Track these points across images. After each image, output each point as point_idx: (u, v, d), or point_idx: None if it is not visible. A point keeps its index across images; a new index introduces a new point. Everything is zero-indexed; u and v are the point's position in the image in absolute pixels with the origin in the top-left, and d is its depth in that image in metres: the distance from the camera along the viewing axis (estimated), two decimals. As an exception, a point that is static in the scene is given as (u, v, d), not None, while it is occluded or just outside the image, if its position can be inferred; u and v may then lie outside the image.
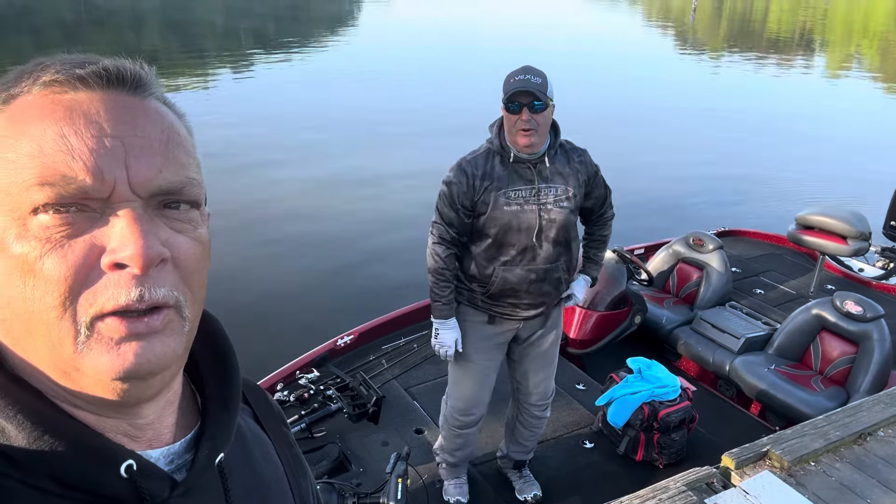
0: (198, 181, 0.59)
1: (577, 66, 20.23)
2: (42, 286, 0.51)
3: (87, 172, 0.51)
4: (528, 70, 2.44)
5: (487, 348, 2.81)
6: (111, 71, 0.55)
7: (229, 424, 0.67)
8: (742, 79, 18.94)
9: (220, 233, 7.23)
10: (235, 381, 0.71)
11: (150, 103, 0.57)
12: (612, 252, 4.39)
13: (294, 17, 40.27)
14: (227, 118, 12.64)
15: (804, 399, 3.73)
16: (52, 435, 0.53)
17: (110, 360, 0.52)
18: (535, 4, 54.58)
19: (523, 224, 2.54)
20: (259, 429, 0.79)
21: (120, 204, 0.53)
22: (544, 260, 2.62)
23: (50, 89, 0.54)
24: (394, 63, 20.28)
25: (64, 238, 0.51)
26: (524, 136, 2.42)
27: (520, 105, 2.40)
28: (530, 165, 2.53)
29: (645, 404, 3.44)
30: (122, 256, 0.51)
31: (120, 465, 0.55)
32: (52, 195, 0.51)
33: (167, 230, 0.56)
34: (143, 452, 0.59)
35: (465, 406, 2.89)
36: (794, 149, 11.58)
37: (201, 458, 0.63)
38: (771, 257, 5.73)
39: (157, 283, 0.53)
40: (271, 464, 0.76)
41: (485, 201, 2.53)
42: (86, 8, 42.08)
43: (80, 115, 0.53)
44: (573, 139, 2.71)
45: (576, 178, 2.62)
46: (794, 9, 49.00)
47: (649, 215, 8.30)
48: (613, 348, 4.34)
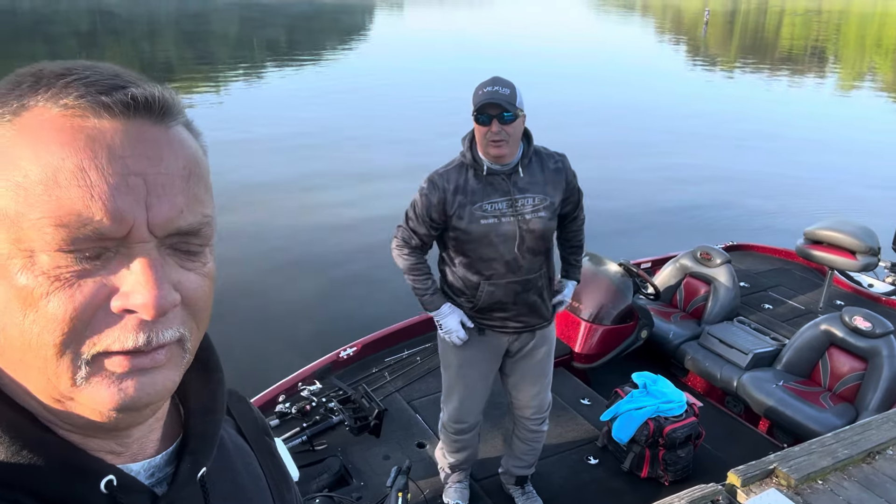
0: (212, 218, 0.57)
1: (587, 77, 20.25)
2: (42, 323, 0.49)
3: (105, 214, 0.49)
4: (496, 81, 2.42)
5: (479, 360, 2.80)
6: (139, 99, 0.52)
7: (212, 438, 0.66)
8: (754, 92, 18.89)
9: (227, 244, 7.26)
10: (220, 394, 0.69)
11: (174, 133, 0.55)
12: (618, 265, 4.36)
13: (307, 28, 40.63)
14: (238, 128, 12.73)
15: (813, 416, 3.68)
16: (31, 450, 0.52)
17: (110, 395, 0.52)
18: (546, 16, 54.80)
19: (502, 236, 2.53)
20: (242, 441, 0.78)
21: (136, 245, 0.51)
22: (527, 270, 2.61)
23: (71, 112, 0.50)
24: (404, 72, 20.38)
25: (73, 277, 0.49)
26: (495, 146, 2.42)
27: (489, 117, 2.39)
28: (504, 177, 2.52)
29: (650, 420, 3.39)
30: (134, 304, 0.50)
31: (100, 481, 0.54)
32: (66, 237, 0.48)
33: (178, 270, 0.54)
34: (124, 466, 0.58)
35: (458, 416, 2.90)
36: (804, 163, 11.51)
37: (183, 472, 0.62)
38: (779, 272, 5.68)
39: (165, 326, 0.53)
40: (254, 477, 0.75)
41: (459, 216, 2.52)
42: (101, 18, 42.61)
43: (102, 147, 0.50)
44: (583, 150, 2.70)
45: (553, 185, 2.60)
46: (806, 23, 48.91)
47: (656, 228, 8.27)
48: (619, 363, 4.30)
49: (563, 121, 13.94)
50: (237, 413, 0.80)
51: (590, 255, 4.54)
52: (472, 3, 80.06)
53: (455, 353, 2.79)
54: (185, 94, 16.63)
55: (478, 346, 2.77)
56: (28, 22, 37.57)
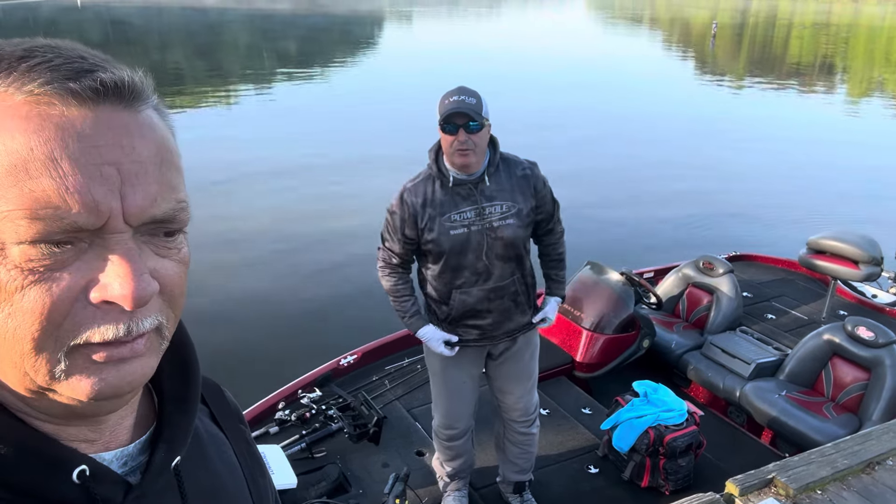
0: (186, 203, 0.56)
1: (593, 88, 20.28)
2: (19, 317, 0.48)
3: (82, 206, 0.47)
4: (462, 91, 2.44)
5: (461, 364, 2.82)
6: (108, 85, 0.50)
7: (187, 427, 0.66)
8: (761, 104, 18.86)
9: (229, 251, 7.29)
10: (195, 382, 0.69)
11: (144, 118, 0.53)
12: (620, 274, 4.35)
13: (316, 39, 40.90)
14: (246, 137, 12.81)
15: (816, 426, 3.65)
16: (1, 440, 0.52)
17: (90, 385, 0.51)
18: (554, 27, 54.97)
19: (472, 245, 2.54)
20: (216, 428, 0.77)
21: (112, 236, 0.50)
22: (498, 278, 2.62)
23: (36, 99, 0.48)
24: (412, 82, 20.46)
25: (48, 270, 0.48)
26: (461, 155, 2.43)
27: (456, 126, 2.40)
28: (471, 186, 2.53)
29: (651, 428, 3.38)
30: (113, 295, 0.49)
31: (72, 471, 0.54)
32: (41, 230, 0.47)
33: (154, 257, 0.54)
34: (97, 455, 0.57)
35: (447, 421, 2.92)
36: (808, 173, 11.47)
37: (157, 462, 0.61)
38: (782, 282, 5.65)
39: (144, 316, 0.52)
40: (228, 465, 0.75)
41: (430, 228, 2.54)
42: (112, 28, 43.00)
43: (73, 136, 0.48)
44: (587, 159, 2.71)
45: (521, 191, 2.59)
46: (815, 36, 48.88)
47: (658, 238, 8.25)
48: (621, 373, 4.29)
49: (567, 130, 13.97)
50: (211, 401, 0.79)
51: (591, 264, 4.54)
52: (479, 14, 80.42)
53: (438, 359, 2.82)
54: (195, 103, 16.76)
55: (460, 352, 2.79)
56: (37, 31, 37.99)
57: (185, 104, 16.73)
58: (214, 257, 6.89)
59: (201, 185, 9.44)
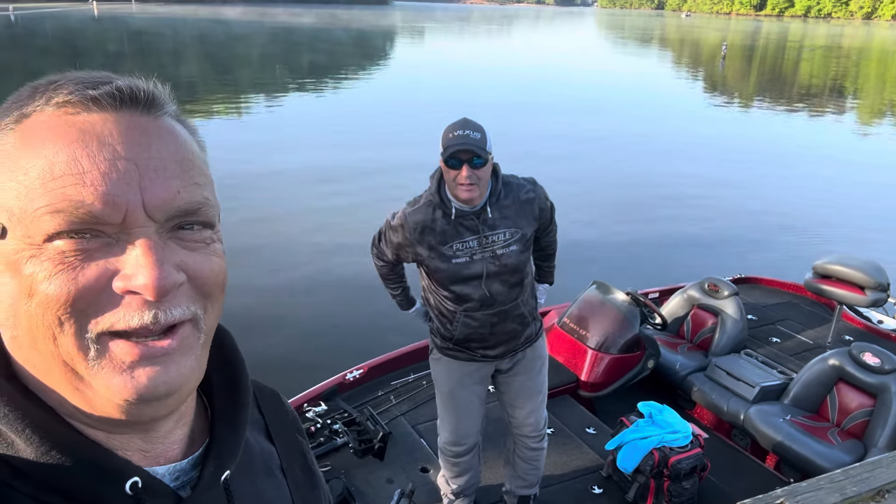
0: (212, 201, 0.58)
1: (600, 107, 20.34)
2: (44, 303, 0.51)
3: (96, 198, 0.51)
4: (466, 125, 2.40)
5: (468, 383, 2.83)
6: (124, 91, 0.54)
7: (236, 442, 0.67)
8: (769, 126, 18.87)
9: (238, 264, 7.33)
10: (244, 397, 0.71)
11: (163, 122, 0.57)
12: (625, 294, 4.37)
13: (329, 51, 41.17)
14: (255, 148, 12.88)
15: (820, 452, 3.64)
16: (60, 450, 0.54)
17: (122, 382, 0.53)
18: (563, 46, 55.17)
19: (474, 273, 2.54)
20: (269, 444, 0.78)
21: (135, 230, 0.52)
22: (503, 302, 2.63)
23: (63, 110, 0.53)
24: (425, 96, 20.57)
25: (77, 261, 0.51)
26: (465, 190, 2.40)
27: (460, 161, 2.37)
28: (473, 216, 2.52)
29: (655, 450, 3.37)
30: (135, 285, 0.51)
31: (125, 482, 0.55)
32: (62, 223, 0.50)
33: (181, 251, 0.56)
34: (150, 469, 0.59)
35: (455, 438, 2.91)
36: (815, 197, 11.44)
37: (206, 476, 0.63)
38: (788, 306, 5.65)
39: (172, 305, 0.54)
40: (276, 480, 0.76)
41: (431, 256, 2.54)
42: (129, 37, 43.40)
43: (92, 137, 0.52)
44: (593, 179, 2.75)
45: (524, 216, 2.59)
46: (826, 58, 48.91)
47: (664, 259, 8.25)
48: (625, 393, 4.29)
49: (575, 150, 14.01)
50: (267, 411, 0.80)
51: (597, 284, 4.55)
52: (490, 31, 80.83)
53: (446, 375, 2.82)
54: (211, 114, 16.88)
55: (467, 371, 2.80)
56: (55, 41, 38.40)
57: (206, 112, 16.87)
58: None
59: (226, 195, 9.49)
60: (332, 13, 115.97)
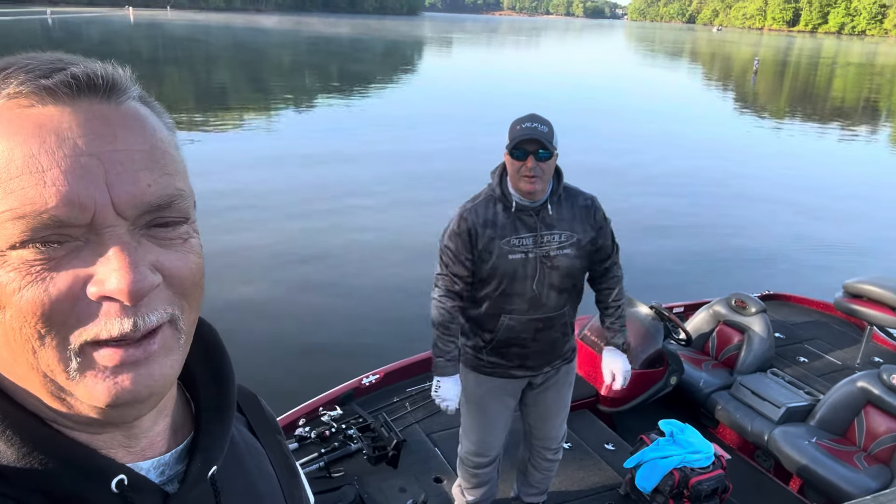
0: (186, 192, 0.54)
1: (628, 120, 20.22)
2: (20, 317, 0.48)
3: (59, 200, 0.47)
4: (534, 118, 2.43)
5: (499, 394, 2.78)
6: (80, 78, 0.50)
7: (223, 436, 0.66)
8: (802, 142, 18.61)
9: (261, 264, 7.37)
10: (230, 391, 0.69)
11: (127, 109, 0.52)
12: (649, 308, 4.29)
13: (357, 59, 41.54)
14: (283, 155, 12.98)
15: (846, 477, 3.53)
16: (42, 451, 0.52)
17: (106, 389, 0.51)
18: (593, 59, 55.10)
19: (527, 272, 2.51)
20: (253, 438, 0.77)
21: (105, 231, 0.49)
22: (551, 308, 2.59)
23: (15, 101, 0.49)
24: (449, 104, 20.63)
25: (45, 270, 0.48)
26: (529, 182, 2.41)
27: (525, 152, 2.39)
28: (532, 212, 2.51)
29: (675, 470, 3.30)
30: (109, 290, 0.48)
31: (111, 481, 0.54)
32: (25, 230, 0.46)
33: (156, 249, 0.52)
34: (134, 465, 0.57)
35: (478, 449, 2.87)
36: (847, 215, 11.24)
37: (194, 471, 0.61)
38: (816, 325, 5.51)
39: (150, 309, 0.51)
40: (265, 475, 0.75)
41: (488, 250, 2.50)
42: (163, 43, 44.17)
43: (50, 132, 0.48)
44: (620, 193, 2.69)
45: (581, 222, 2.58)
46: (859, 75, 48.24)
47: (689, 273, 8.14)
48: (646, 409, 4.20)
49: (603, 163, 13.91)
50: (248, 410, 0.79)
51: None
52: (518, 42, 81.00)
53: (475, 386, 2.77)
54: (238, 120, 17.09)
55: (499, 385, 2.75)
56: (91, 45, 39.18)
57: (239, 119, 17.08)
58: (243, 272, 6.98)
59: (233, 201, 9.59)
60: (365, 23, 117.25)
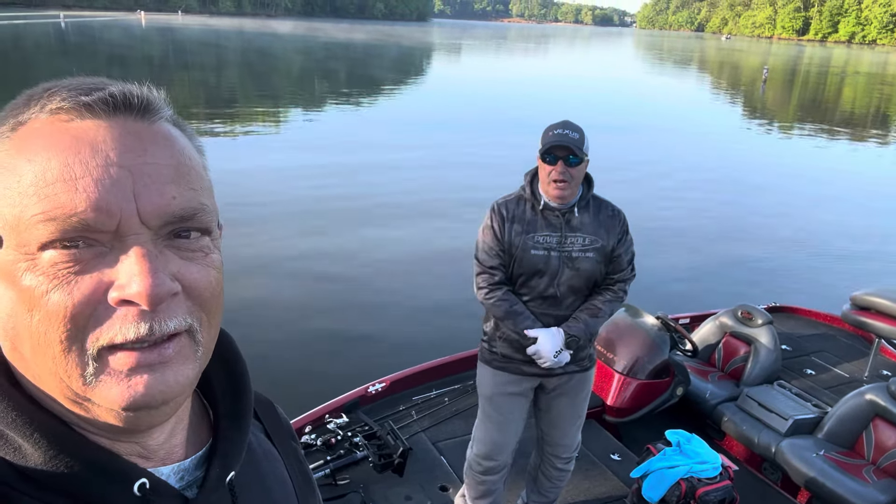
0: (209, 207, 0.58)
1: (637, 128, 20.19)
2: (46, 321, 0.50)
3: (89, 205, 0.50)
4: (567, 125, 2.52)
5: (511, 392, 2.80)
6: (117, 97, 0.54)
7: (241, 442, 0.68)
8: (809, 151, 18.55)
9: (269, 271, 7.39)
10: (247, 398, 0.71)
11: (159, 127, 0.56)
12: (655, 319, 4.29)
13: (365, 63, 41.66)
14: (289, 161, 13.03)
15: (855, 490, 3.51)
16: (68, 454, 0.54)
17: (120, 392, 0.52)
18: (601, 68, 55.09)
19: (549, 270, 2.58)
20: (270, 445, 0.79)
21: (129, 238, 0.52)
22: (566, 307, 2.65)
23: (56, 117, 0.53)
24: (461, 113, 20.67)
25: (71, 274, 0.51)
26: (557, 187, 2.51)
27: (556, 157, 2.49)
28: (559, 214, 2.59)
29: (682, 480, 3.29)
30: (129, 294, 0.51)
31: (133, 484, 0.56)
32: (55, 231, 0.50)
33: (178, 261, 0.55)
34: (155, 470, 0.59)
35: (488, 451, 2.86)
36: (855, 226, 11.18)
37: (212, 477, 0.63)
38: (824, 337, 5.49)
39: (167, 316, 0.53)
40: (281, 481, 0.76)
41: (514, 244, 2.59)
42: (174, 48, 44.44)
43: (85, 144, 0.52)
44: (630, 201, 2.72)
45: (606, 229, 2.65)
46: (869, 84, 48.05)
47: (696, 283, 8.11)
48: (652, 420, 4.19)
49: (611, 170, 13.90)
50: (264, 417, 0.81)
51: (627, 307, 4.47)
52: (526, 50, 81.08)
53: (491, 381, 2.80)
54: (244, 124, 17.16)
55: (513, 382, 2.78)
56: (104, 48, 39.46)
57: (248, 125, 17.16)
58: (251, 279, 7.00)
59: (243, 209, 9.63)
60: (380, 29, 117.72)
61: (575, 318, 2.67)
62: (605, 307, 2.69)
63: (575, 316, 2.68)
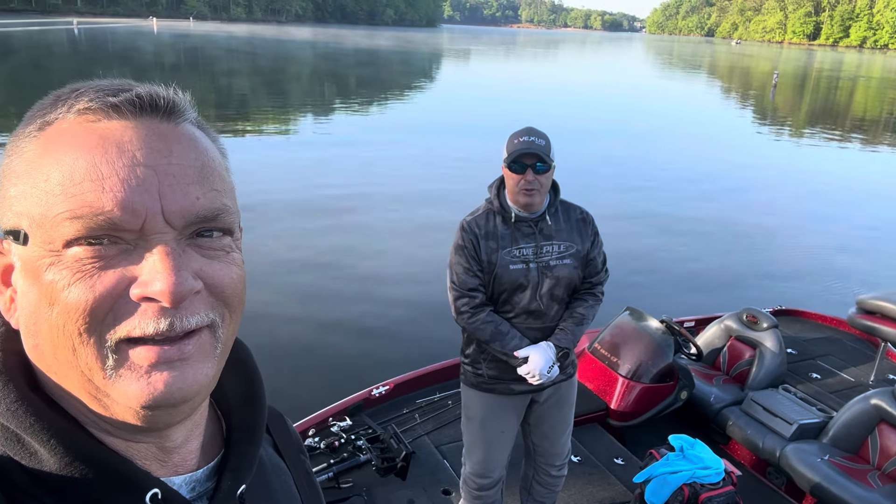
0: (232, 208, 0.59)
1: (643, 132, 20.15)
2: (65, 313, 0.51)
3: (115, 204, 0.51)
4: (532, 132, 2.48)
5: (502, 413, 2.77)
6: (144, 98, 0.55)
7: (253, 455, 0.68)
8: (820, 157, 18.45)
9: (274, 274, 7.41)
10: (261, 412, 0.71)
11: (184, 129, 0.57)
12: (660, 322, 4.28)
13: (373, 66, 41.78)
14: (299, 165, 13.08)
15: (860, 495, 3.49)
16: (83, 461, 0.54)
17: (139, 388, 0.53)
18: (610, 72, 55.00)
19: (529, 283, 2.55)
20: (279, 459, 0.79)
21: (153, 237, 0.53)
22: (551, 318, 2.61)
23: (84, 117, 0.54)
24: (467, 118, 20.69)
25: (94, 269, 0.52)
26: (526, 195, 2.47)
27: (524, 165, 2.45)
28: (531, 224, 2.57)
29: (685, 485, 3.28)
30: (152, 291, 0.52)
31: (145, 494, 0.56)
32: (81, 228, 0.51)
33: (200, 259, 0.56)
34: (167, 479, 0.60)
35: (482, 470, 2.83)
36: (862, 230, 11.10)
37: (223, 489, 0.63)
38: (829, 341, 5.46)
39: (189, 312, 0.54)
40: (289, 495, 0.77)
41: (491, 261, 2.55)
42: (185, 53, 44.73)
43: (112, 144, 0.53)
44: (632, 206, 2.71)
45: (579, 233, 2.64)
46: (881, 89, 47.75)
47: (701, 287, 8.08)
48: (656, 424, 4.18)
49: (611, 174, 13.88)
50: (275, 430, 0.81)
51: (631, 310, 4.47)
52: (535, 55, 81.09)
53: (479, 404, 2.76)
54: (253, 128, 17.25)
55: (502, 402, 2.75)
56: (116, 50, 39.77)
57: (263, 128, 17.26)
58: (253, 280, 6.99)
59: (259, 211, 9.68)
60: (398, 35, 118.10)
61: (562, 328, 2.64)
62: (588, 313, 2.68)
63: (562, 327, 2.64)
